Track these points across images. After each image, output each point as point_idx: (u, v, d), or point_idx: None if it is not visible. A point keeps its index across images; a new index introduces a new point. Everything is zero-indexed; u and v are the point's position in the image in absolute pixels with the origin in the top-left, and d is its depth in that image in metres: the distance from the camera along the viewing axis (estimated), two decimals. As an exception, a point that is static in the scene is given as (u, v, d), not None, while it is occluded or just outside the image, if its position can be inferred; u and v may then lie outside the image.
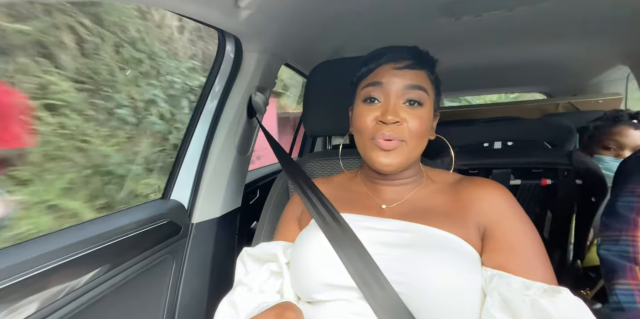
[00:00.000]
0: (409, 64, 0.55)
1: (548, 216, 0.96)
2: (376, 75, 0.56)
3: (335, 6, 0.87)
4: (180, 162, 0.90)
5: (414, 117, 0.53)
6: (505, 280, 0.46)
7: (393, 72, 0.55)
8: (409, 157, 0.55)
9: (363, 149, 0.57)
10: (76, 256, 0.58)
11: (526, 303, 0.42)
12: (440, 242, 0.49)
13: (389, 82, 0.54)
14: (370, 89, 0.56)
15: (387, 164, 0.53)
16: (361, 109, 0.57)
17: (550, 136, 0.97)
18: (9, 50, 1.76)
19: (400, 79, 0.54)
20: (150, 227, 0.75)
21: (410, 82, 0.54)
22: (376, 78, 0.56)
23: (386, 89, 0.55)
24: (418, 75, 0.55)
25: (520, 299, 0.43)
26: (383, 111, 0.54)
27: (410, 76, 0.55)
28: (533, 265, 0.48)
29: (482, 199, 0.54)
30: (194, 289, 0.89)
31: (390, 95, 0.54)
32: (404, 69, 0.55)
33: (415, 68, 0.55)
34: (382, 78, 0.55)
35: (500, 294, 0.44)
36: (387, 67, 0.56)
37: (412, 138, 0.54)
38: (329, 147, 1.08)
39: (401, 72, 0.55)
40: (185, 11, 0.65)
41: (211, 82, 0.91)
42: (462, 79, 1.80)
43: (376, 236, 0.52)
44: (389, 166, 0.54)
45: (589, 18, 1.03)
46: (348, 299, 0.49)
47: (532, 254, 0.49)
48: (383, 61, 0.56)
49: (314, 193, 0.61)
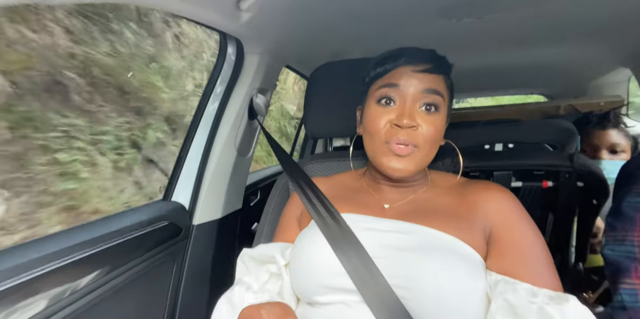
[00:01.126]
0: (428, 67, 0.53)
1: (549, 218, 0.96)
2: (393, 77, 0.54)
3: (336, 9, 0.88)
4: (181, 163, 0.91)
5: (429, 123, 0.52)
6: (511, 286, 0.45)
7: (411, 75, 0.53)
8: (421, 163, 0.54)
9: (374, 152, 0.55)
10: (77, 258, 0.58)
11: (533, 310, 0.41)
12: (443, 245, 0.48)
13: (406, 84, 0.53)
14: (386, 90, 0.54)
15: (399, 169, 0.52)
16: (375, 111, 0.55)
17: (552, 138, 0.96)
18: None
19: (418, 82, 0.53)
20: (151, 228, 0.75)
21: (428, 86, 0.53)
22: (393, 79, 0.54)
23: (403, 92, 0.53)
24: (436, 80, 0.54)
25: (527, 306, 0.42)
26: (398, 114, 0.52)
27: (429, 80, 0.53)
28: (538, 270, 0.47)
29: (488, 203, 0.53)
30: (194, 291, 0.89)
31: (407, 98, 0.53)
32: (423, 73, 0.53)
33: (434, 72, 0.54)
34: (400, 80, 0.53)
35: (505, 300, 0.44)
36: (406, 69, 0.54)
37: (426, 144, 0.52)
38: (330, 149, 1.08)
39: (420, 75, 0.53)
40: (187, 13, 0.65)
41: (212, 84, 0.91)
42: (463, 81, 1.79)
43: (377, 237, 0.51)
44: (400, 172, 0.52)
45: (590, 20, 1.03)
46: (347, 302, 0.48)
47: (537, 259, 0.48)
48: (401, 63, 0.54)
49: (314, 193, 0.60)
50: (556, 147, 0.97)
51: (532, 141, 0.98)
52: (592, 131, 1.17)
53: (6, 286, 0.48)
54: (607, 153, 1.16)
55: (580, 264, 0.94)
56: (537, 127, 1.01)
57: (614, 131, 1.16)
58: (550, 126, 0.99)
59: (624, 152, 1.15)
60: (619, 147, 1.15)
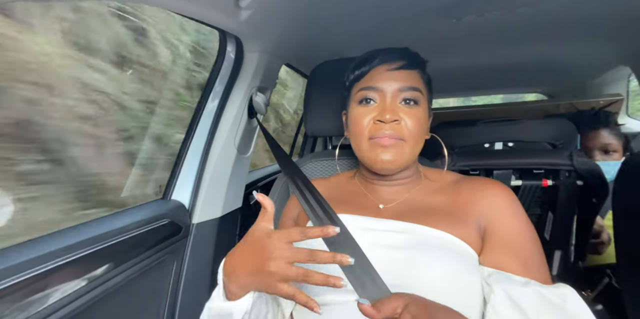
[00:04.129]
0: (403, 64, 0.55)
1: (549, 217, 0.96)
2: (371, 78, 0.56)
3: (336, 7, 0.87)
4: (181, 162, 0.90)
5: (411, 116, 0.54)
6: (504, 276, 0.46)
7: (387, 74, 0.55)
8: (409, 156, 0.55)
9: (360, 151, 0.56)
10: (77, 256, 0.58)
11: (530, 294, 0.42)
12: (439, 243, 0.49)
13: (384, 84, 0.54)
14: (365, 92, 0.56)
15: (388, 160, 0.53)
16: (357, 111, 0.56)
17: (552, 136, 0.96)
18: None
19: (395, 81, 0.54)
20: (151, 227, 0.75)
21: (405, 84, 0.54)
22: (371, 81, 0.55)
23: (382, 91, 0.55)
24: (411, 76, 0.55)
25: (523, 292, 0.43)
26: (380, 111, 0.54)
27: (405, 77, 0.55)
28: (529, 265, 0.48)
29: (484, 198, 0.53)
30: (194, 290, 0.89)
31: (386, 96, 0.54)
32: (398, 70, 0.55)
33: (409, 68, 0.55)
34: (378, 81, 0.55)
35: (502, 289, 0.44)
36: (381, 69, 0.56)
37: (411, 137, 0.54)
38: (330, 148, 1.08)
39: (395, 73, 0.55)
40: (186, 11, 0.65)
41: (212, 82, 0.91)
42: (462, 79, 1.80)
43: (374, 237, 0.52)
44: (390, 163, 0.53)
45: (590, 18, 1.03)
46: (345, 303, 0.48)
47: (529, 254, 0.49)
48: (376, 63, 0.56)
49: (311, 194, 0.60)
50: (556, 146, 0.97)
51: (532, 140, 0.98)
52: (583, 133, 1.17)
53: (7, 284, 0.48)
54: (599, 154, 1.16)
55: (580, 262, 0.94)
56: (537, 126, 1.01)
57: (605, 131, 1.16)
58: (550, 125, 0.99)
59: (616, 152, 1.15)
60: (611, 147, 1.15)
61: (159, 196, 0.91)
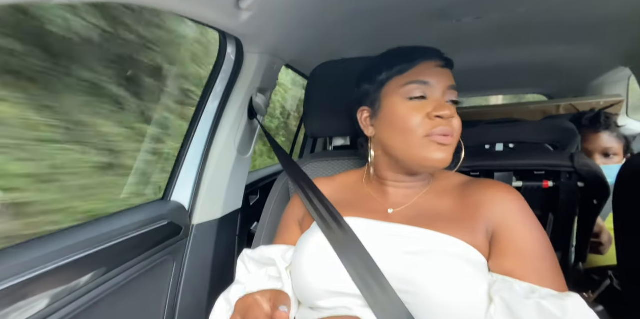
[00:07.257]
0: (444, 63, 0.55)
1: (550, 218, 0.96)
2: (421, 73, 0.54)
3: (336, 8, 0.88)
4: (181, 163, 0.90)
5: (457, 115, 0.54)
6: (508, 285, 0.44)
7: (437, 70, 0.54)
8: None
9: (410, 148, 0.52)
10: (77, 257, 0.58)
11: (528, 305, 0.41)
12: (448, 249, 0.47)
13: (435, 79, 0.53)
14: (416, 86, 0.53)
15: (443, 159, 0.51)
16: (407, 107, 0.53)
17: (552, 138, 0.96)
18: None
19: (445, 78, 0.54)
20: (151, 228, 0.75)
21: (451, 83, 0.54)
22: (421, 75, 0.53)
23: (433, 87, 0.53)
24: (451, 76, 0.56)
25: (523, 304, 0.41)
26: (436, 106, 0.51)
27: (449, 76, 0.55)
28: (541, 270, 0.46)
29: (492, 203, 0.52)
30: (194, 291, 0.89)
31: (439, 92, 0.53)
32: (443, 68, 0.54)
33: (447, 67, 0.55)
34: (428, 76, 0.53)
35: (502, 298, 0.43)
36: (429, 64, 0.54)
37: (458, 135, 0.53)
38: (330, 148, 1.07)
39: (442, 71, 0.54)
40: (186, 12, 0.65)
41: (212, 83, 0.91)
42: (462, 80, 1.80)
43: (381, 241, 0.51)
44: (442, 162, 0.51)
45: (590, 20, 1.03)
46: (351, 307, 0.48)
47: (541, 259, 0.47)
48: (424, 58, 0.54)
49: (315, 195, 0.60)
50: (557, 148, 0.97)
51: (532, 141, 0.98)
52: (583, 135, 1.16)
53: (6, 285, 0.48)
54: (600, 157, 1.15)
55: (581, 264, 0.94)
56: (538, 127, 1.00)
57: (606, 134, 1.14)
58: (551, 126, 0.99)
59: (616, 155, 1.14)
60: (612, 151, 1.13)
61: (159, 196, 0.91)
